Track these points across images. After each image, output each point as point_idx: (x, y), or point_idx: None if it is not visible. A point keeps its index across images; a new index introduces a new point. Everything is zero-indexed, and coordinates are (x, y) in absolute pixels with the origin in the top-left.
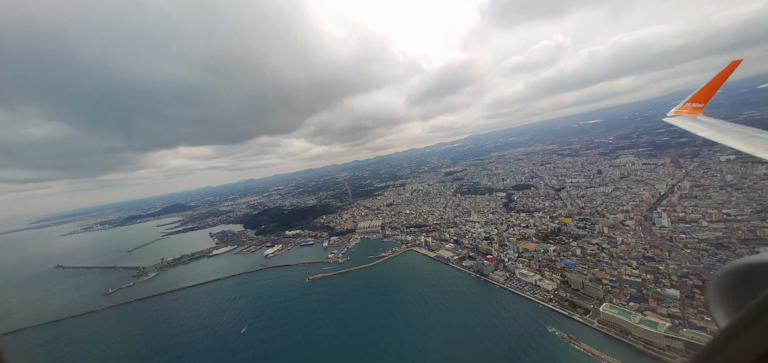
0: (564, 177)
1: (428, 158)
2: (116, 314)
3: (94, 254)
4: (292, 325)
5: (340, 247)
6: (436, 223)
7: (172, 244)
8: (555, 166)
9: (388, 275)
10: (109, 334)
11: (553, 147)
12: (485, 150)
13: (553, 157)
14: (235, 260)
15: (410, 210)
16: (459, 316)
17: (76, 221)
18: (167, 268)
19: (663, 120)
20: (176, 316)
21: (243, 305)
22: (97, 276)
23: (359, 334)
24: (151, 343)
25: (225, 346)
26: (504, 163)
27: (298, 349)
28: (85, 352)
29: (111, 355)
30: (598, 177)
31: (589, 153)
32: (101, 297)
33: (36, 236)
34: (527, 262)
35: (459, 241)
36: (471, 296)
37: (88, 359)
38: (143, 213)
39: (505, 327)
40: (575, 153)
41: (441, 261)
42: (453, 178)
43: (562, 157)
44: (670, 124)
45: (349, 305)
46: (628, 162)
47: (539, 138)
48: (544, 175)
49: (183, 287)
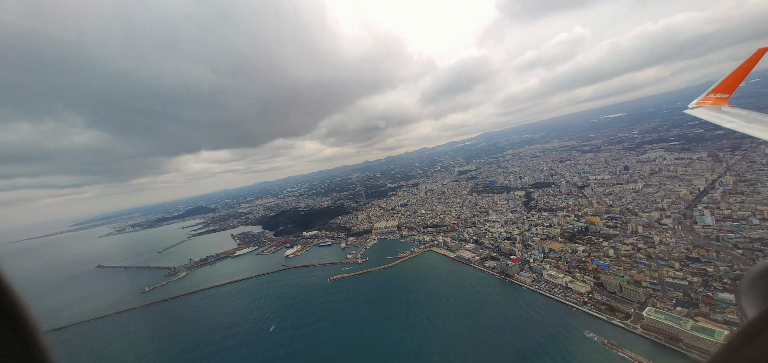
0: (587, 174)
1: (440, 157)
2: (154, 311)
3: (128, 255)
4: (318, 324)
5: (358, 247)
6: (453, 223)
7: (198, 245)
8: (576, 163)
9: (408, 276)
10: (151, 330)
11: (571, 143)
12: (499, 148)
13: (572, 153)
14: (257, 261)
15: (426, 210)
16: (487, 317)
17: (109, 224)
18: (195, 268)
19: (684, 112)
20: (208, 313)
21: (269, 304)
22: (132, 275)
23: (385, 333)
24: (188, 338)
25: (256, 342)
26: (520, 161)
27: (326, 347)
28: (133, 344)
29: (155, 349)
30: (626, 173)
31: (613, 148)
32: (139, 295)
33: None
34: (555, 263)
35: (479, 242)
36: (497, 298)
37: (134, 351)
38: (168, 216)
39: (537, 330)
40: (597, 149)
41: (462, 261)
42: (467, 177)
43: (582, 153)
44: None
45: (373, 305)
46: (658, 157)
47: (556, 134)
48: (565, 172)
49: (211, 286)
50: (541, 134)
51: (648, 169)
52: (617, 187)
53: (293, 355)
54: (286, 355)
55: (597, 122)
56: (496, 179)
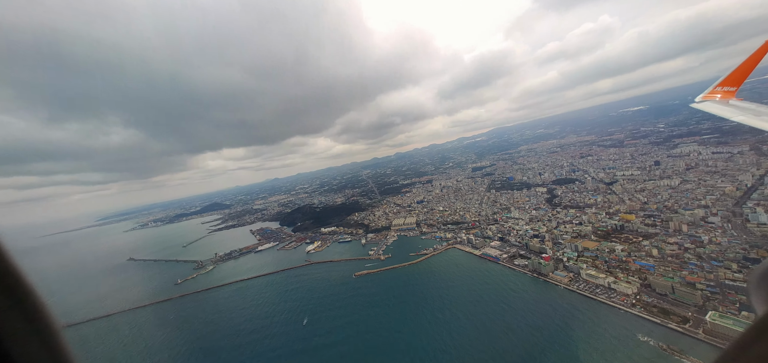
0: (612, 170)
1: (451, 154)
2: (190, 301)
3: (156, 248)
4: (349, 317)
5: (379, 244)
6: (474, 221)
7: (219, 240)
8: (598, 158)
9: (435, 273)
10: (190, 318)
11: (590, 138)
12: (512, 143)
13: (593, 148)
14: (279, 256)
15: (443, 207)
16: (526, 315)
17: (131, 219)
18: (221, 262)
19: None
20: (241, 304)
21: (298, 297)
22: (163, 268)
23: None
24: (226, 327)
25: (292, 333)
26: (536, 157)
27: (362, 338)
28: (178, 331)
29: (197, 335)
30: (657, 169)
31: (638, 142)
32: (173, 286)
33: (104, 232)
34: (591, 262)
35: (504, 239)
36: (533, 296)
37: (179, 338)
38: (187, 211)
39: (585, 332)
40: (620, 143)
41: (488, 259)
42: (483, 174)
43: (604, 148)
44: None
45: (403, 301)
46: (693, 151)
47: (572, 129)
48: (588, 168)
49: (240, 280)
50: (555, 129)
51: (682, 164)
52: (650, 183)
53: (329, 345)
54: (323, 345)
55: (616, 116)
56: (514, 176)
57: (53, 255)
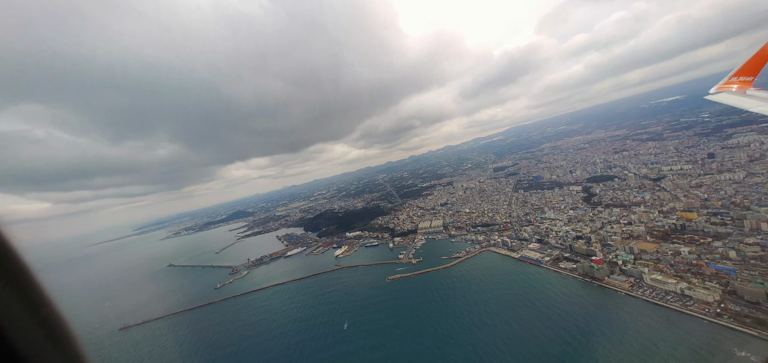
0: (656, 164)
1: (467, 155)
2: (232, 304)
3: (191, 255)
4: (389, 321)
5: (407, 247)
6: (505, 222)
7: (248, 246)
8: (636, 153)
9: (472, 277)
10: (234, 320)
11: (621, 132)
12: (533, 142)
13: (627, 142)
14: (308, 261)
15: (470, 209)
16: (588, 323)
17: (164, 228)
18: (253, 267)
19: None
20: (280, 307)
21: (334, 301)
22: (200, 273)
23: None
24: (271, 329)
25: (334, 335)
26: (563, 154)
27: (407, 342)
28: (226, 331)
29: (243, 335)
30: (712, 161)
31: (680, 134)
32: (213, 291)
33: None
34: (653, 265)
35: (543, 241)
36: (592, 303)
37: (228, 337)
38: (214, 220)
39: (668, 345)
40: (658, 136)
41: (529, 262)
42: (506, 174)
43: (640, 142)
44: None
45: (443, 304)
46: (753, 141)
47: (599, 123)
48: (627, 164)
49: (275, 284)
50: (580, 125)
51: (743, 155)
52: (707, 178)
53: (374, 348)
54: (366, 348)
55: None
56: (542, 175)
57: (103, 263)
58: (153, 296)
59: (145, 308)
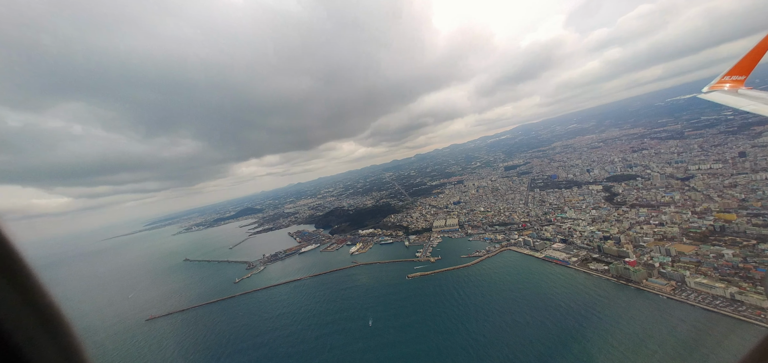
0: (680, 163)
1: (475, 153)
2: (252, 298)
3: (206, 250)
4: (414, 317)
5: (424, 245)
6: (524, 221)
7: (260, 242)
8: (656, 152)
9: (496, 276)
10: (258, 313)
11: (637, 130)
12: (542, 140)
13: (645, 141)
14: (323, 257)
15: (485, 207)
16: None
17: (174, 223)
18: (269, 262)
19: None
20: (303, 302)
21: (354, 297)
22: (216, 268)
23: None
24: (297, 322)
25: (360, 330)
26: (576, 153)
27: (435, 338)
28: (253, 324)
29: (273, 327)
30: (745, 160)
31: (704, 132)
32: (232, 285)
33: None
34: (695, 268)
35: (567, 241)
36: (632, 306)
37: (254, 329)
38: (223, 216)
39: (731, 355)
40: (679, 134)
41: (555, 262)
42: (518, 173)
43: (660, 140)
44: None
45: (467, 302)
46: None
47: (612, 122)
48: (649, 162)
49: (294, 280)
50: (591, 123)
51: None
52: (741, 177)
53: (398, 343)
54: (395, 342)
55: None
56: (557, 174)
57: (121, 256)
58: (174, 289)
59: (167, 300)
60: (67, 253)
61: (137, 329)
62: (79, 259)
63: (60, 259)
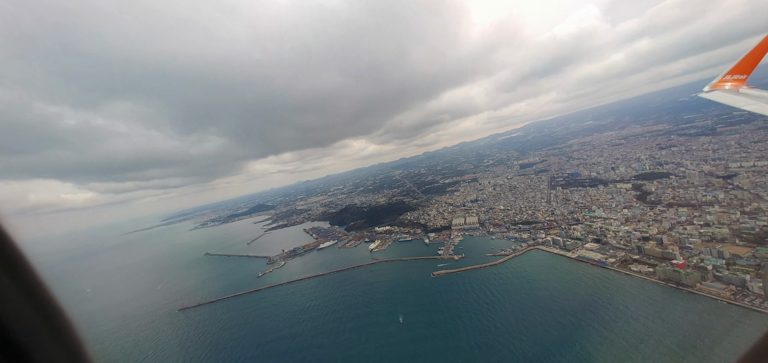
0: (719, 160)
1: (486, 151)
2: (279, 291)
3: (224, 245)
4: (445, 314)
5: (445, 243)
6: (550, 220)
7: (276, 238)
8: (687, 149)
9: (528, 276)
10: (286, 304)
11: (662, 126)
12: (557, 138)
13: (672, 137)
14: (342, 253)
15: (504, 206)
16: (701, 335)
17: (189, 219)
18: (288, 258)
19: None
20: (330, 296)
21: (380, 292)
22: (237, 263)
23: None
24: (325, 314)
25: (391, 326)
26: (597, 151)
27: (478, 334)
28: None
29: (302, 319)
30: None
31: (739, 128)
32: (255, 279)
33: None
34: (755, 271)
35: (602, 241)
36: (692, 311)
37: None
38: (236, 212)
39: None
40: (710, 130)
41: (590, 263)
42: (535, 170)
43: (690, 137)
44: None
45: (505, 300)
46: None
47: (632, 118)
48: (680, 159)
49: (318, 275)
50: (609, 120)
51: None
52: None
53: (430, 338)
54: (425, 337)
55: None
56: (579, 172)
57: (143, 250)
58: (199, 281)
59: (196, 292)
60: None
61: (172, 318)
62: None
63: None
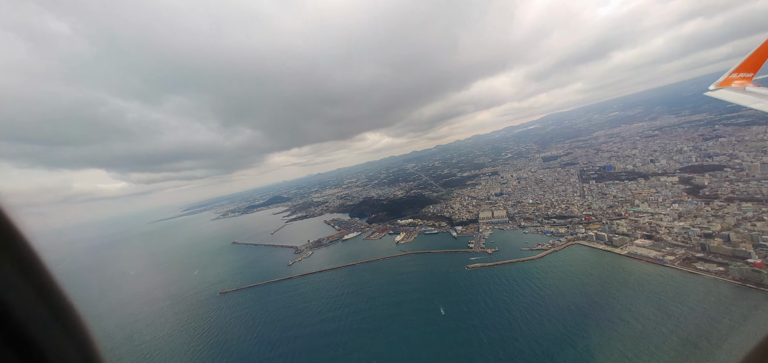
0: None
1: (502, 144)
2: (312, 279)
3: (249, 234)
4: (488, 305)
5: (474, 237)
6: (588, 215)
7: (298, 229)
8: (738, 139)
9: (575, 271)
10: (324, 291)
11: (703, 116)
12: (580, 130)
13: (717, 128)
14: (367, 245)
15: (533, 199)
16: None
17: (209, 209)
18: (315, 248)
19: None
20: (364, 284)
21: (414, 282)
22: (264, 252)
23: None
24: (365, 300)
25: (434, 317)
26: (628, 142)
27: (532, 328)
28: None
29: (340, 304)
30: None
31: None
32: (286, 267)
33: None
34: None
35: (654, 237)
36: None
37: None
38: (254, 204)
39: None
40: (762, 119)
41: (645, 260)
42: (560, 163)
43: (738, 126)
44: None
45: (559, 296)
46: None
47: (664, 108)
48: (735, 151)
49: (346, 265)
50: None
51: None
52: None
53: (476, 328)
54: (468, 327)
55: None
56: (612, 165)
57: (171, 238)
58: (232, 268)
59: (231, 278)
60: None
61: (215, 301)
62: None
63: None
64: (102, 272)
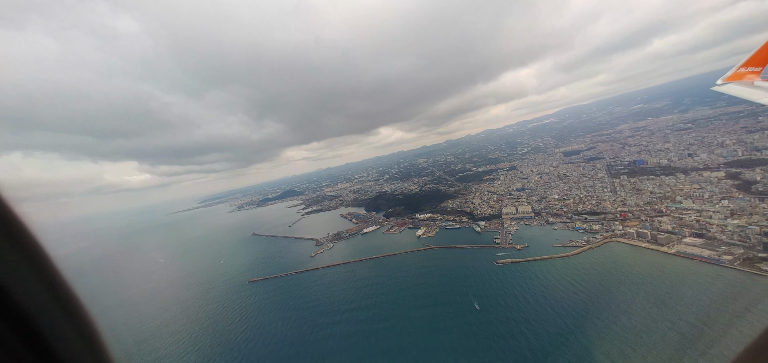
0: None
1: (516, 138)
2: (338, 271)
3: (268, 227)
4: (527, 300)
5: (500, 232)
6: (623, 211)
7: (314, 222)
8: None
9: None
10: (355, 282)
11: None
12: (600, 123)
13: (761, 120)
14: (387, 239)
15: (559, 195)
16: None
17: (224, 202)
18: (335, 240)
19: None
20: (391, 276)
21: (443, 276)
22: (285, 244)
23: None
24: (397, 290)
25: (469, 311)
26: (657, 136)
27: (583, 321)
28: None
29: (371, 293)
30: None
31: None
32: (309, 258)
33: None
34: None
35: (705, 236)
36: None
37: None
38: (267, 197)
39: None
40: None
41: (697, 260)
42: (583, 158)
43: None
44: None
45: (609, 296)
46: None
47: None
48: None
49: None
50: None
51: None
52: None
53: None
54: (505, 320)
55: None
56: (643, 159)
57: (193, 228)
58: (256, 258)
59: (257, 267)
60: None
61: (245, 288)
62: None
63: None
64: (137, 258)
